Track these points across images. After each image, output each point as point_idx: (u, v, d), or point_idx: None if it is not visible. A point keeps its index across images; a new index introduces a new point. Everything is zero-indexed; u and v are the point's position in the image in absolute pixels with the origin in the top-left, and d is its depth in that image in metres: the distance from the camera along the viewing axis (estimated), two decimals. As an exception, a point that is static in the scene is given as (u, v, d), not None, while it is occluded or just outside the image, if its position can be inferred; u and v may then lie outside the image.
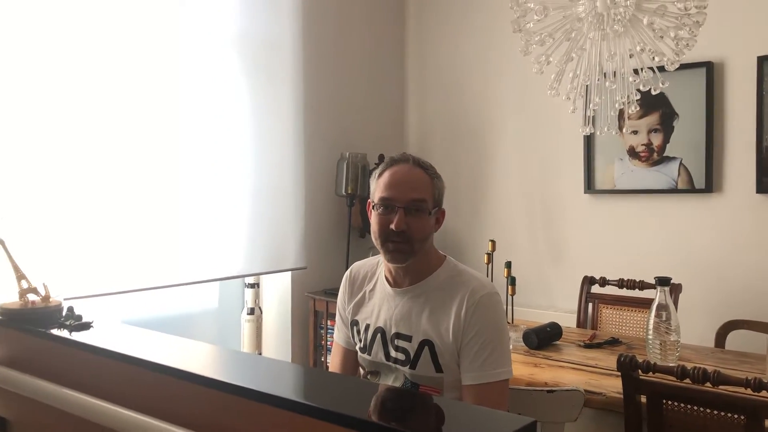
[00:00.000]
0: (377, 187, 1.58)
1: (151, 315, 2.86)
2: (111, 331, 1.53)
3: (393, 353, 1.59)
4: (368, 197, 1.64)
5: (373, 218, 1.58)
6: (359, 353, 1.69)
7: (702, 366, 1.54)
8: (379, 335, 1.62)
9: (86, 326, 1.52)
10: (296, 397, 1.05)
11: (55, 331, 1.48)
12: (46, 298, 1.59)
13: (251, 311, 3.12)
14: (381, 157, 3.35)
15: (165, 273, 2.65)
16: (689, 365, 1.56)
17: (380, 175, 1.59)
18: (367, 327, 1.65)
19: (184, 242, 2.72)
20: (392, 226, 1.52)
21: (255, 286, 3.15)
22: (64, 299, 1.65)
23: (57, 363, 1.48)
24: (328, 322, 3.15)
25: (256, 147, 3.01)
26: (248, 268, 3.00)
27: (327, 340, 3.18)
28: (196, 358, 1.36)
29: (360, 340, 1.68)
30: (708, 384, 1.52)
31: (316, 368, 3.13)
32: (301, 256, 3.22)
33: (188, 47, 2.74)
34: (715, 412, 1.56)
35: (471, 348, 1.49)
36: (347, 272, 1.77)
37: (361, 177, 3.31)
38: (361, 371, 1.71)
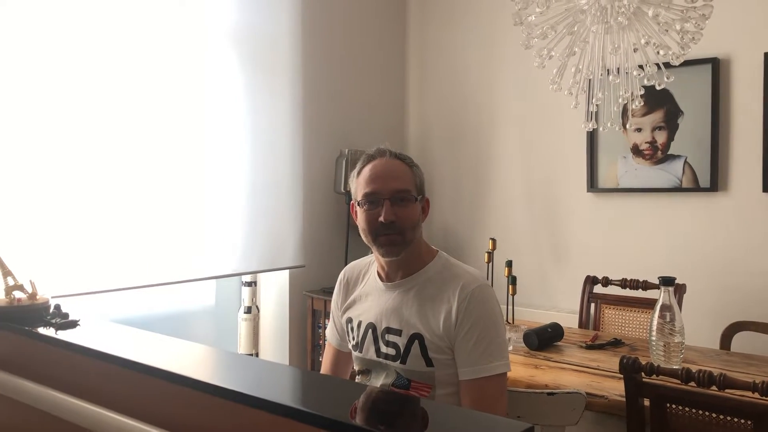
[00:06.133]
0: (358, 186, 1.57)
1: (148, 313, 2.83)
2: (98, 329, 1.50)
3: (383, 348, 1.57)
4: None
5: (360, 216, 1.57)
6: (352, 352, 1.67)
7: (707, 369, 1.51)
8: (370, 331, 1.60)
9: (72, 324, 1.48)
10: (282, 401, 1.01)
11: (40, 330, 1.44)
12: (33, 295, 1.56)
13: (248, 310, 3.08)
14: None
15: (160, 270, 2.61)
16: (694, 368, 1.54)
17: (359, 172, 1.58)
18: (360, 324, 1.64)
19: (180, 239, 2.68)
20: (381, 219, 1.51)
21: (252, 284, 3.12)
22: (53, 297, 1.62)
23: (43, 363, 1.45)
24: (326, 321, 3.11)
25: (253, 143, 2.98)
26: (245, 266, 2.96)
27: (325, 340, 3.14)
28: (185, 359, 1.32)
29: (353, 338, 1.66)
30: (713, 387, 1.49)
31: (303, 369, 3.09)
32: (299, 254, 3.18)
33: (184, 41, 2.70)
34: (721, 416, 1.53)
35: (467, 343, 1.47)
36: (341, 273, 1.76)
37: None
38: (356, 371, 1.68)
